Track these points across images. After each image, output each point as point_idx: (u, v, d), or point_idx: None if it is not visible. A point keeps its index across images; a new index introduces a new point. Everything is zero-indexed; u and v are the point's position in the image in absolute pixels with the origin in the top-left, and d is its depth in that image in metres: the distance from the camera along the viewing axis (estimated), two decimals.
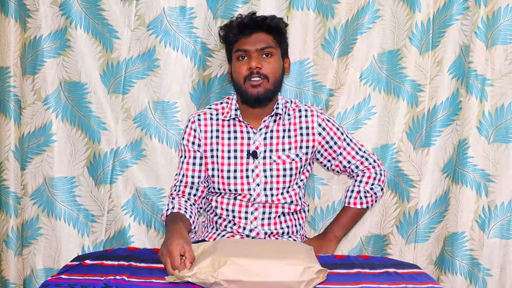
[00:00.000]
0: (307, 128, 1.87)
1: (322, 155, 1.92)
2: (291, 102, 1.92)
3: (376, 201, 1.96)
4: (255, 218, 1.84)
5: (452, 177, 2.00)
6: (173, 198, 1.86)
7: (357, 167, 1.92)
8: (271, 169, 1.83)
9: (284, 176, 1.84)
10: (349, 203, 1.92)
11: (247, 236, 1.83)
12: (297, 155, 1.85)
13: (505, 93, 1.94)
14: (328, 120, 1.90)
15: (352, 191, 1.93)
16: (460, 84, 1.97)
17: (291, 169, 1.84)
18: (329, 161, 1.93)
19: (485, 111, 1.94)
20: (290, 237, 1.88)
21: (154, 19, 1.99)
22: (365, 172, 1.93)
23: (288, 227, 1.86)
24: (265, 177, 1.83)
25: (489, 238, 1.96)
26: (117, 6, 1.98)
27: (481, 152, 1.95)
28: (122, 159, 2.04)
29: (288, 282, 1.36)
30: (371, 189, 1.91)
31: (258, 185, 1.83)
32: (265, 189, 1.83)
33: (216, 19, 2.00)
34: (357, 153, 1.92)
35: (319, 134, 1.87)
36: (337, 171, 1.96)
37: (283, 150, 1.85)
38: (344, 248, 2.07)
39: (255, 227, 1.83)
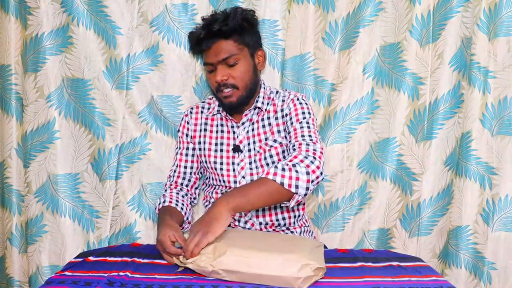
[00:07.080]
0: (282, 110, 1.84)
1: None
2: (277, 92, 1.90)
3: (297, 186, 1.56)
4: None
5: (455, 170, 1.99)
6: (165, 191, 1.90)
7: (293, 147, 1.71)
8: (255, 161, 1.83)
9: (267, 164, 1.82)
10: (263, 171, 1.70)
11: (243, 228, 1.84)
12: (275, 141, 1.82)
13: (508, 85, 1.93)
14: (300, 103, 1.81)
15: (271, 166, 1.67)
16: (462, 77, 1.96)
17: (271, 156, 1.82)
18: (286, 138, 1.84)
19: (488, 103, 1.93)
20: (288, 228, 1.87)
21: (156, 16, 1.99)
22: (295, 150, 1.69)
23: (284, 219, 1.85)
24: (251, 169, 1.83)
25: (494, 231, 1.96)
26: (120, 3, 1.99)
27: (484, 144, 1.94)
28: (128, 155, 2.04)
29: (285, 277, 1.36)
30: (293, 165, 1.58)
31: (243, 177, 1.83)
32: (252, 181, 1.76)
33: None
34: (302, 136, 1.72)
35: (286, 115, 1.83)
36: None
37: (266, 139, 1.84)
38: (347, 242, 2.07)
39: (250, 219, 1.84)
